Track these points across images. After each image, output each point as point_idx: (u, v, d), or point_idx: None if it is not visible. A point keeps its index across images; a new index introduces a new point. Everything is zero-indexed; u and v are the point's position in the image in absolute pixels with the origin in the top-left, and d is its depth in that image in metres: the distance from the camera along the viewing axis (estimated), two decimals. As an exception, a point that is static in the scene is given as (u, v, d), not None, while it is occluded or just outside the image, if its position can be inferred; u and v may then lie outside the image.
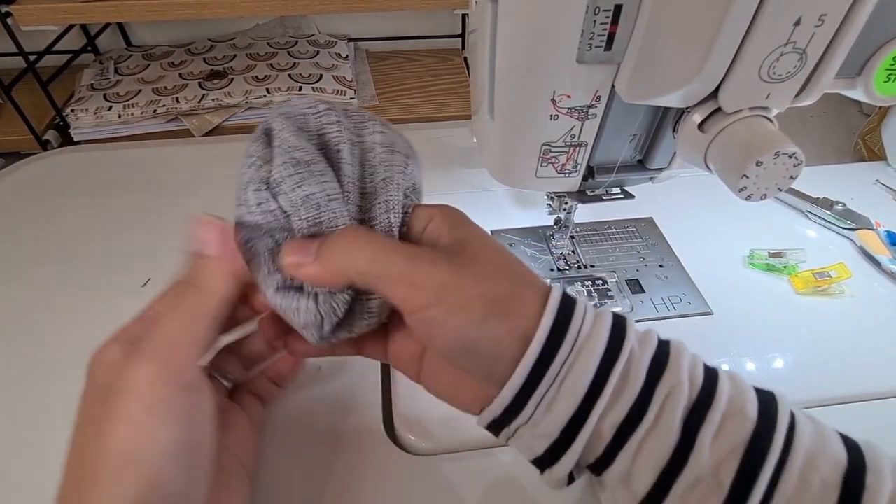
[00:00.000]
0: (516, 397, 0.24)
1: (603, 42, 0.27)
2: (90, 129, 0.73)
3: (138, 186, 0.56)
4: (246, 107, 0.75)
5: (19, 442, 0.34)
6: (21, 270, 0.47)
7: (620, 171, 0.35)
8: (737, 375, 0.25)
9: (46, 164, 0.59)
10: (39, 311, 0.43)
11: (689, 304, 0.43)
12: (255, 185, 0.25)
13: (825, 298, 0.44)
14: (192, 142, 0.70)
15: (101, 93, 0.75)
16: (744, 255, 0.47)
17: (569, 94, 0.30)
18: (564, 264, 0.47)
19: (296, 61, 0.83)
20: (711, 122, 0.27)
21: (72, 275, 0.46)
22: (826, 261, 0.46)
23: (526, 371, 0.23)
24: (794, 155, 0.25)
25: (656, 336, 0.25)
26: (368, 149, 0.28)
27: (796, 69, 0.24)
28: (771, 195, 0.26)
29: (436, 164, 0.59)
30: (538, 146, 0.33)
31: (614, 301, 0.43)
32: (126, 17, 0.70)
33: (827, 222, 0.50)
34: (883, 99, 0.27)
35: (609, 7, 0.25)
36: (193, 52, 0.85)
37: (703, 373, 0.24)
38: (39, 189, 0.56)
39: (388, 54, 0.93)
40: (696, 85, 0.25)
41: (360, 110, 0.29)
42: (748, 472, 0.22)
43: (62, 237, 0.50)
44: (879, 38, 0.25)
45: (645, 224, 0.51)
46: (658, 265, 0.47)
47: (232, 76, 0.79)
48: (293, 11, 0.67)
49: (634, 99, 0.28)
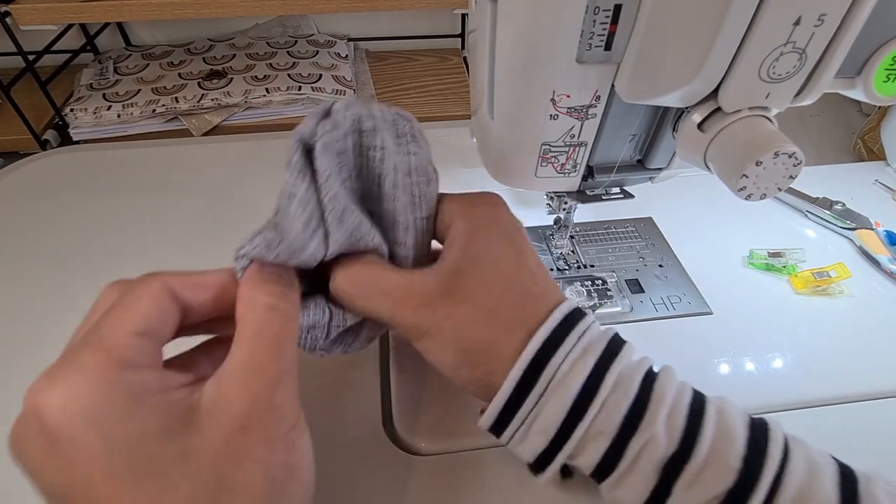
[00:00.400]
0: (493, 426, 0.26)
1: (602, 42, 0.27)
2: (89, 128, 0.73)
3: (137, 186, 0.56)
4: (245, 106, 0.75)
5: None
6: (20, 270, 0.47)
7: (620, 170, 0.35)
8: (727, 409, 0.25)
9: (45, 163, 0.59)
10: (38, 311, 0.43)
11: (688, 303, 0.43)
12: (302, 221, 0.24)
13: (824, 298, 0.44)
14: (192, 141, 0.70)
15: (101, 92, 0.75)
16: (743, 255, 0.47)
17: (568, 94, 0.30)
18: (564, 264, 0.47)
19: (295, 61, 0.83)
20: (711, 121, 0.27)
21: (71, 274, 0.46)
22: (825, 261, 0.46)
23: (490, 421, 0.25)
24: (793, 155, 0.25)
25: (640, 379, 0.25)
26: (406, 172, 0.28)
27: (796, 69, 0.24)
28: (770, 195, 0.26)
29: (435, 163, 0.59)
30: (538, 146, 0.33)
31: (614, 301, 0.43)
32: (125, 17, 0.70)
33: (826, 222, 0.50)
34: (882, 99, 0.27)
35: (609, 7, 0.25)
36: (193, 52, 0.85)
37: (685, 416, 0.24)
38: (38, 189, 0.56)
39: (388, 54, 0.93)
40: (695, 85, 0.25)
41: (397, 114, 0.28)
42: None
43: (61, 237, 0.50)
44: (879, 38, 0.25)
45: (644, 224, 0.51)
46: (658, 265, 0.47)
47: (231, 76, 0.79)
48: (292, 11, 0.67)
49: (634, 99, 0.28)
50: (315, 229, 0.24)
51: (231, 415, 0.20)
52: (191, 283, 0.23)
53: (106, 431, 0.18)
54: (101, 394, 0.19)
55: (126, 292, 0.22)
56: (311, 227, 0.23)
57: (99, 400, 0.19)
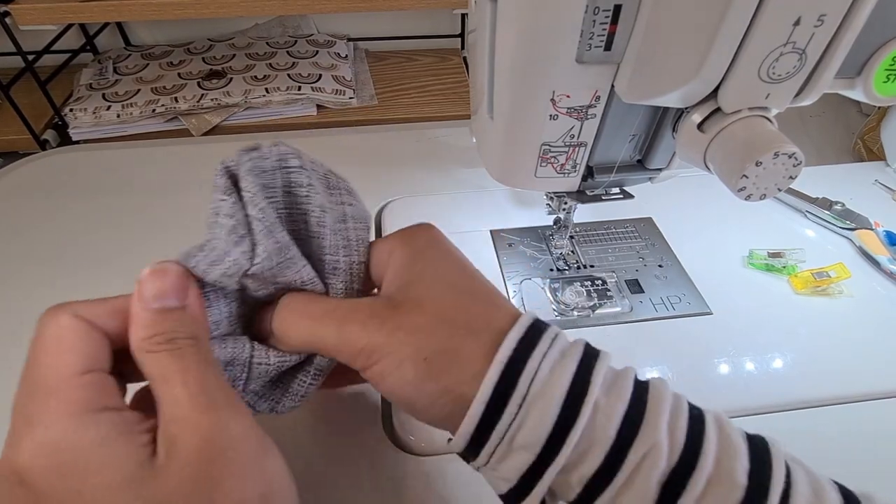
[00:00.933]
0: (468, 445, 0.23)
1: (602, 42, 0.27)
2: (89, 128, 0.72)
3: (137, 186, 0.56)
4: (245, 106, 0.75)
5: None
6: (20, 270, 0.46)
7: (620, 171, 0.35)
8: (725, 421, 0.23)
9: (45, 163, 0.59)
10: (37, 311, 0.43)
11: (688, 304, 0.43)
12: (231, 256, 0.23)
13: (824, 298, 0.44)
14: (191, 141, 0.70)
15: (100, 92, 0.75)
16: (743, 255, 0.47)
17: (568, 94, 0.30)
18: (564, 264, 0.47)
19: (295, 61, 0.83)
20: (711, 122, 0.27)
21: (70, 274, 0.46)
22: (825, 261, 0.46)
23: (465, 439, 0.22)
24: (793, 155, 0.25)
25: (632, 381, 0.23)
26: (339, 218, 0.27)
27: (796, 69, 0.24)
28: (770, 195, 0.26)
29: (435, 164, 0.59)
30: (537, 146, 0.33)
31: (613, 301, 0.43)
32: (125, 17, 0.70)
33: (826, 222, 0.50)
34: (882, 99, 0.27)
35: (608, 7, 0.25)
36: (192, 52, 0.85)
37: (686, 426, 0.22)
38: (38, 189, 0.56)
39: (388, 54, 0.92)
40: (695, 85, 0.25)
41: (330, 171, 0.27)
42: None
43: (61, 237, 0.50)
44: (879, 38, 0.25)
45: (644, 224, 0.51)
46: (657, 265, 0.47)
47: (231, 76, 0.78)
48: (292, 11, 0.67)
49: (634, 99, 0.28)
50: (242, 237, 0.23)
51: (191, 456, 0.19)
52: (103, 311, 0.22)
53: (77, 486, 0.18)
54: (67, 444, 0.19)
55: (40, 335, 0.21)
56: (237, 234, 0.23)
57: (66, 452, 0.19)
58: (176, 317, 0.22)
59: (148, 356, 0.21)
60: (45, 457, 0.19)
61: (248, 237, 0.23)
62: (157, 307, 0.22)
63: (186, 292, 0.23)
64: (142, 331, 0.21)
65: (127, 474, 0.19)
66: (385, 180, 0.56)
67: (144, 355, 0.21)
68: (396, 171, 0.58)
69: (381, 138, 0.65)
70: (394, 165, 0.59)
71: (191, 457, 0.19)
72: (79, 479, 0.18)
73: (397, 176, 0.57)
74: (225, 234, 0.23)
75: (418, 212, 0.52)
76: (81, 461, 0.19)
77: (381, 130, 0.68)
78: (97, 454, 0.19)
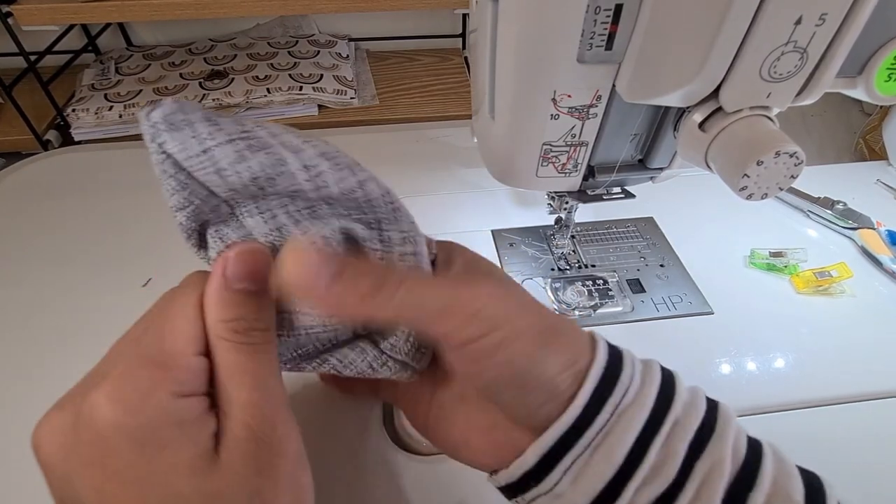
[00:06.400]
0: (542, 460, 0.21)
1: (603, 42, 0.27)
2: (91, 128, 0.72)
3: (139, 186, 0.56)
4: (246, 106, 0.75)
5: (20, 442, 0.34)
6: (21, 270, 0.47)
7: (621, 170, 0.35)
8: (779, 450, 0.23)
9: (47, 163, 0.59)
10: (39, 311, 0.43)
11: (689, 303, 0.43)
12: None
13: (826, 298, 0.44)
14: (193, 142, 0.70)
15: (102, 93, 0.75)
16: (744, 255, 0.47)
17: (569, 94, 0.30)
18: (565, 264, 0.47)
19: (296, 61, 0.83)
20: (712, 121, 0.27)
21: (72, 274, 0.46)
22: (827, 260, 0.46)
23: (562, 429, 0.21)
24: (794, 154, 0.25)
25: (703, 399, 0.23)
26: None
27: (797, 68, 0.24)
28: (772, 195, 0.26)
29: (436, 164, 0.59)
30: (539, 146, 0.33)
31: (615, 301, 0.43)
32: (127, 17, 0.70)
33: (828, 222, 0.50)
34: (884, 98, 0.27)
35: (609, 6, 0.25)
36: (194, 52, 0.85)
37: (746, 446, 0.22)
38: (40, 189, 0.56)
39: (389, 54, 0.92)
40: (696, 84, 0.25)
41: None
42: None
43: (62, 237, 0.50)
44: (880, 38, 0.25)
45: (645, 224, 0.51)
46: (659, 265, 0.47)
47: (232, 76, 0.79)
48: (293, 11, 0.67)
49: (635, 98, 0.28)
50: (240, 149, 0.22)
51: (248, 464, 0.20)
52: None
53: (147, 456, 0.19)
54: (148, 417, 0.19)
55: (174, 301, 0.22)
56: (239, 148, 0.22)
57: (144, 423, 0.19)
58: (254, 303, 0.22)
59: (223, 344, 0.21)
60: (123, 413, 0.19)
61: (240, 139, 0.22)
62: (239, 288, 0.22)
63: (268, 278, 0.22)
64: (220, 312, 0.21)
65: (192, 462, 0.19)
66: (386, 180, 0.56)
67: (220, 341, 0.21)
68: (398, 170, 0.58)
69: (383, 138, 0.65)
70: (395, 165, 0.59)
71: (248, 465, 0.20)
72: (150, 448, 0.19)
73: (399, 175, 0.57)
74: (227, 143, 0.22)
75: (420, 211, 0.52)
76: (157, 433, 0.19)
77: (382, 130, 0.68)
78: (173, 433, 0.19)
